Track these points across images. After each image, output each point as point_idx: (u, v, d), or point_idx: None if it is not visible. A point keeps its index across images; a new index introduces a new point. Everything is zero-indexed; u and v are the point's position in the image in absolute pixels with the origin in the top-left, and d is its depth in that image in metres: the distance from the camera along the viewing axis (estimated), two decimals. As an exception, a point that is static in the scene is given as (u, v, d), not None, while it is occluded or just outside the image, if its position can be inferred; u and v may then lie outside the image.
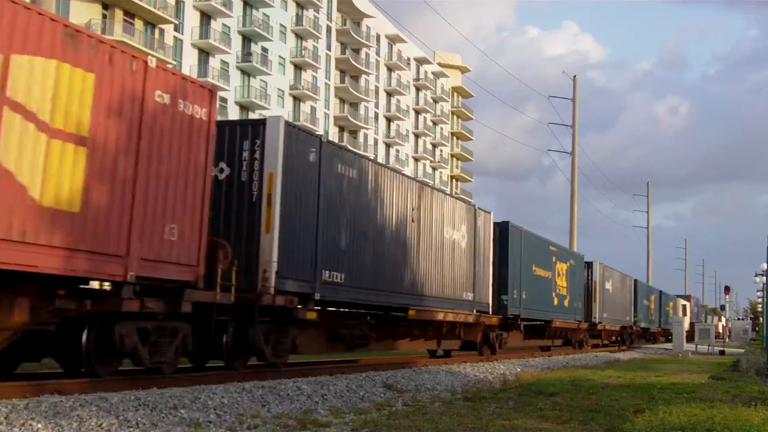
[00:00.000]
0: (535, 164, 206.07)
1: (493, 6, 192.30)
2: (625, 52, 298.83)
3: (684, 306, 65.79)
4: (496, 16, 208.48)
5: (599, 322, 35.71)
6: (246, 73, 67.19)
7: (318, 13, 76.28)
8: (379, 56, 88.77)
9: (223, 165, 13.06)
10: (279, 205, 12.93)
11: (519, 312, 24.76)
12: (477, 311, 21.51)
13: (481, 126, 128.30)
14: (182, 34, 60.92)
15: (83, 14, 52.55)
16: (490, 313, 22.43)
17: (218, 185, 12.86)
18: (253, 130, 13.22)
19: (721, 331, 73.05)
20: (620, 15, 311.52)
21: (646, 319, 48.79)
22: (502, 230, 24.00)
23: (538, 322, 27.99)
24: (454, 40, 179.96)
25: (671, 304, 62.30)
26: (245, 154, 13.13)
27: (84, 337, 10.52)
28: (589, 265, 35.25)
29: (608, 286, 37.75)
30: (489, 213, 22.98)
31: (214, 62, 63.66)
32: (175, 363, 11.93)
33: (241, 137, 13.18)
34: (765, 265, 46.23)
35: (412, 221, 17.90)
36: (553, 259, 29.57)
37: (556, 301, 29.61)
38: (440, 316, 19.33)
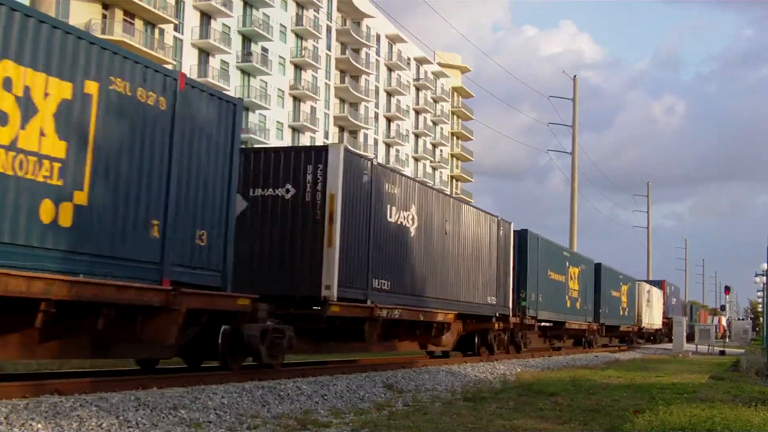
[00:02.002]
0: (532, 164, 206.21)
1: (488, 5, 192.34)
2: (620, 52, 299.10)
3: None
4: (492, 16, 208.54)
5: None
6: (246, 73, 67.21)
7: (318, 13, 76.29)
8: (379, 56, 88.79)
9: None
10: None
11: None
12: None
13: (479, 126, 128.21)
14: (182, 34, 60.93)
15: (83, 14, 52.57)
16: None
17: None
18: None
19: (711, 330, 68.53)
20: (614, 14, 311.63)
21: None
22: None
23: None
24: (451, 40, 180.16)
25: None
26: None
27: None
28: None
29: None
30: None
31: (214, 62, 63.67)
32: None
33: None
34: (765, 265, 46.22)
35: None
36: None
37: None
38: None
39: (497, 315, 23.08)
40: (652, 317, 51.66)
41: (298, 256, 14.73)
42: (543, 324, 28.76)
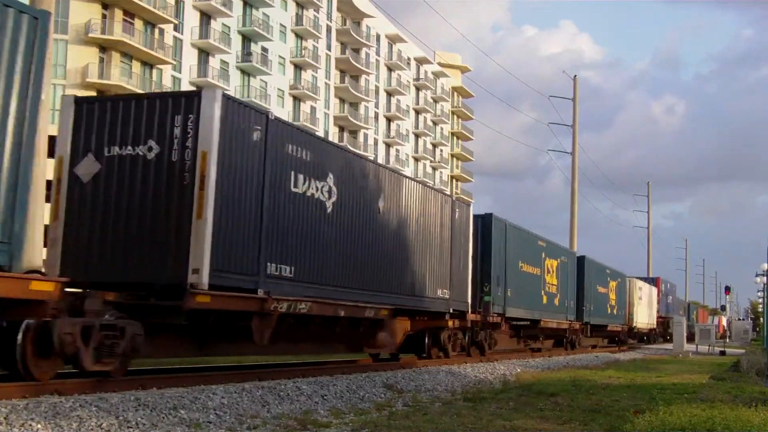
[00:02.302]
0: (532, 164, 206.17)
1: (488, 5, 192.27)
2: (620, 52, 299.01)
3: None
4: (492, 16, 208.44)
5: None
6: (246, 73, 67.20)
7: (318, 13, 76.28)
8: (379, 56, 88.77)
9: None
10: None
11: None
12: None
13: (479, 126, 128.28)
14: (182, 34, 60.91)
15: (83, 14, 52.56)
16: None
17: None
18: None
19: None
20: (614, 14, 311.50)
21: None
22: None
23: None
24: (451, 40, 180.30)
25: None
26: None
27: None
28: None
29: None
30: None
31: (214, 62, 63.66)
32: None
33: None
34: (765, 265, 46.22)
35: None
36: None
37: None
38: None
39: (451, 311, 19.64)
40: (646, 316, 48.70)
41: (161, 231, 11.50)
42: (516, 323, 25.59)
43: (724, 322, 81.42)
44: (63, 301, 9.97)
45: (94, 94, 47.52)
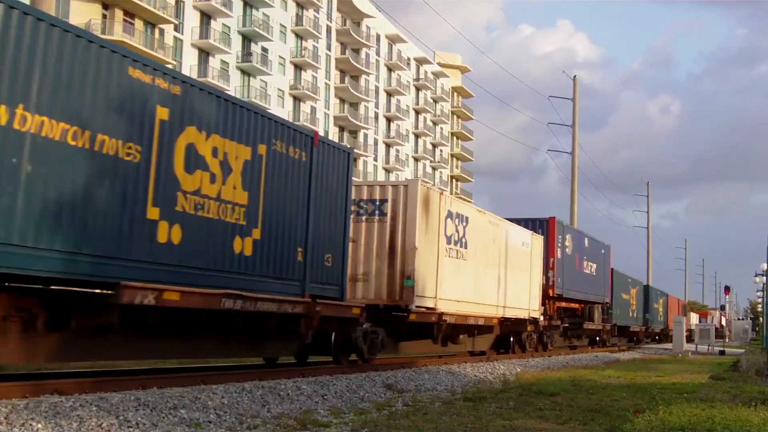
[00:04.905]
0: (526, 163, 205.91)
1: (481, 5, 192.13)
2: (615, 51, 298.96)
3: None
4: (485, 16, 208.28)
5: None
6: (246, 73, 67.22)
7: (318, 13, 76.30)
8: (379, 56, 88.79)
9: None
10: None
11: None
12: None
13: (478, 125, 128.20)
14: (182, 34, 60.92)
15: (83, 14, 52.55)
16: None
17: None
18: None
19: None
20: (608, 13, 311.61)
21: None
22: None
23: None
24: (446, 40, 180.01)
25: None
26: None
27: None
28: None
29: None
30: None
31: (214, 62, 63.68)
32: None
33: None
34: (765, 265, 46.29)
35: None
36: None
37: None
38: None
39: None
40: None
41: None
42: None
43: (723, 321, 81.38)
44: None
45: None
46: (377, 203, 17.38)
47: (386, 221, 17.25)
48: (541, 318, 26.54)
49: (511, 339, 25.22)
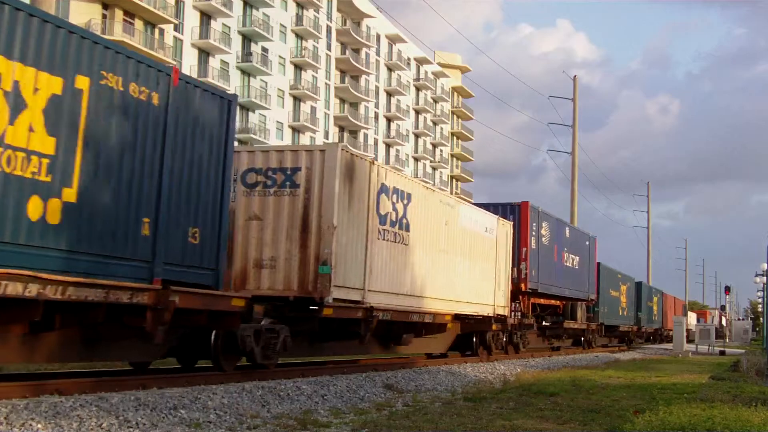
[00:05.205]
0: (524, 163, 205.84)
1: (480, 5, 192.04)
2: (613, 51, 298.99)
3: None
4: (484, 16, 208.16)
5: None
6: (246, 73, 67.21)
7: (318, 13, 76.30)
8: (379, 56, 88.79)
9: None
10: None
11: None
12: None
13: (478, 125, 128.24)
14: (182, 34, 60.93)
15: (83, 14, 52.57)
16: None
17: None
18: None
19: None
20: (605, 13, 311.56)
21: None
22: None
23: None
24: (444, 39, 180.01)
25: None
26: None
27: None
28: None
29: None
30: None
31: (214, 62, 63.68)
32: None
33: None
34: (765, 265, 46.26)
35: None
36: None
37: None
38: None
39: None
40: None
41: None
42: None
43: (722, 321, 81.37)
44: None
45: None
46: (288, 172, 14.39)
47: (299, 194, 14.26)
48: (511, 315, 23.50)
49: (474, 339, 22.13)
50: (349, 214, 14.61)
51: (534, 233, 25.60)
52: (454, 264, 19.47)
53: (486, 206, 23.82)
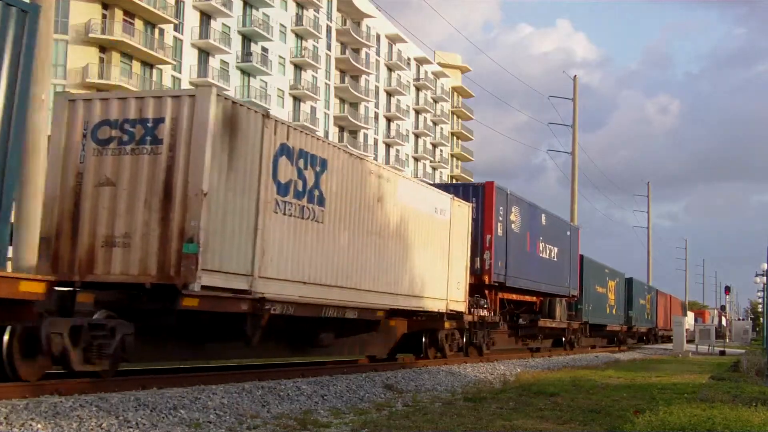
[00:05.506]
0: (523, 163, 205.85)
1: (480, 3, 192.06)
2: (613, 51, 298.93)
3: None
4: (484, 15, 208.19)
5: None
6: (246, 73, 67.22)
7: (318, 13, 76.31)
8: (379, 56, 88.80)
9: None
10: None
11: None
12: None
13: (478, 125, 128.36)
14: (182, 34, 60.94)
15: (83, 14, 52.61)
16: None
17: None
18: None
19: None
20: (605, 13, 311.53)
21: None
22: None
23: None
24: (443, 39, 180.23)
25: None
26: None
27: None
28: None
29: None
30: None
31: (214, 62, 63.69)
32: None
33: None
34: (765, 265, 46.29)
35: None
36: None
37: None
38: None
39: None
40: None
41: None
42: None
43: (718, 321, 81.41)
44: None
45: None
46: (149, 125, 11.47)
47: (162, 152, 11.33)
48: (469, 312, 20.30)
49: (423, 339, 19.00)
50: (228, 179, 11.66)
51: (501, 218, 22.34)
52: (389, 249, 16.35)
53: (445, 187, 21.00)
